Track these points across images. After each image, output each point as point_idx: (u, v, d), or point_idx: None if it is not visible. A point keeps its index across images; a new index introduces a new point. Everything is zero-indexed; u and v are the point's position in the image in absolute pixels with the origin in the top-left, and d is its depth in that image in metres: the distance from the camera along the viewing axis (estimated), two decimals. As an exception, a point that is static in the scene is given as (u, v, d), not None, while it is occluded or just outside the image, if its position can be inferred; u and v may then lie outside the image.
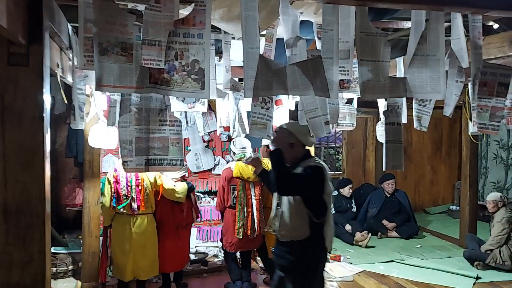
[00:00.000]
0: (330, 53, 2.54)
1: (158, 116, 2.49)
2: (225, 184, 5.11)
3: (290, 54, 2.67)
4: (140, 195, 4.61)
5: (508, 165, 8.77)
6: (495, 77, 2.83)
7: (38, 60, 1.91)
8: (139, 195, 4.60)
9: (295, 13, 2.81)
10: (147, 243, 4.68)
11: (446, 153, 10.03)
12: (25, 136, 1.92)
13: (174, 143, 2.50)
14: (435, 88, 2.56)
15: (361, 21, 2.53)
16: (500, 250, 5.94)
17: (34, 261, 1.92)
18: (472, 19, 2.79)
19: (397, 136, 2.93)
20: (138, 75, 2.17)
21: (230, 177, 5.09)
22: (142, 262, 4.67)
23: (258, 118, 2.73)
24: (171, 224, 4.83)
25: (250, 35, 2.28)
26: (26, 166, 1.93)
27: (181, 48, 2.22)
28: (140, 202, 4.60)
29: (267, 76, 2.28)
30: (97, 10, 2.06)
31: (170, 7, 2.29)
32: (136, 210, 4.59)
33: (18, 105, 1.90)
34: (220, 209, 5.25)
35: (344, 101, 4.29)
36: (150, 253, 4.71)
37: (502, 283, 5.62)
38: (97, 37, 2.06)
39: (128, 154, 2.41)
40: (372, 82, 2.55)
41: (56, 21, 2.54)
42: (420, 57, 2.60)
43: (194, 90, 2.23)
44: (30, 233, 1.93)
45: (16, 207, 1.93)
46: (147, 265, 4.71)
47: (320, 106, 2.78)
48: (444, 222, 8.87)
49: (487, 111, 2.86)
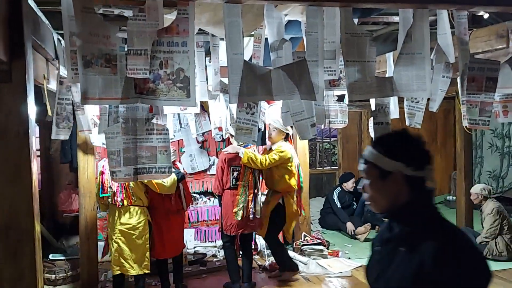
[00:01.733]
0: (315, 56, 2.55)
1: (145, 125, 2.49)
2: (224, 166, 5.05)
3: (276, 57, 2.67)
4: (122, 188, 4.60)
5: (504, 153, 8.79)
6: (483, 72, 2.84)
7: (21, 76, 1.91)
8: (121, 188, 4.60)
9: (280, 15, 2.81)
10: (135, 236, 4.62)
11: (441, 143, 10.05)
12: (11, 152, 1.92)
13: (162, 151, 2.51)
14: (421, 87, 2.57)
15: (345, 22, 2.53)
16: (495, 242, 5.97)
17: (25, 277, 1.93)
18: (457, 15, 2.80)
19: (386, 135, 2.93)
20: (123, 86, 2.18)
21: (230, 158, 5.02)
22: (129, 256, 4.62)
23: (243, 124, 2.73)
24: (162, 211, 4.87)
25: (234, 41, 2.28)
26: (13, 182, 1.93)
27: (166, 57, 2.23)
28: (123, 196, 4.59)
29: (251, 81, 2.29)
30: (80, 22, 2.07)
31: (155, 15, 2.29)
32: (120, 203, 4.60)
33: (2, 122, 1.90)
34: (218, 192, 5.15)
35: (335, 98, 4.30)
36: (139, 248, 4.64)
37: (500, 272, 5.64)
38: (81, 50, 2.06)
39: (117, 164, 2.41)
40: (359, 82, 2.56)
41: (40, 33, 2.53)
42: (406, 55, 2.61)
43: (180, 98, 2.24)
44: (20, 249, 1.93)
45: (5, 223, 1.93)
46: (134, 260, 4.63)
47: (306, 109, 2.78)
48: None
49: (476, 107, 2.86)
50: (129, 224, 4.61)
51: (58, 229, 6.63)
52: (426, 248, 1.46)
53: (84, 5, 2.05)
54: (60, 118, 3.05)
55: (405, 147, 1.61)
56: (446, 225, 1.58)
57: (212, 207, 6.60)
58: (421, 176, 1.59)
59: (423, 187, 1.60)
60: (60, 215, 6.77)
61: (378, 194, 1.64)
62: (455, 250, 1.47)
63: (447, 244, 1.47)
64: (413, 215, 1.58)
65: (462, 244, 1.51)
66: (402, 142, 1.63)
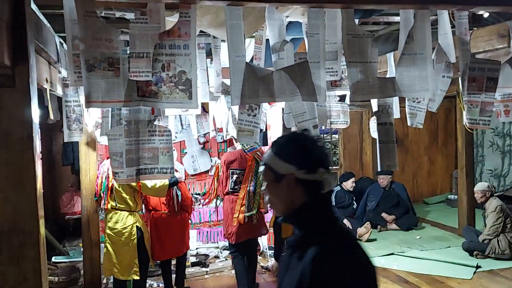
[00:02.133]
0: (317, 57, 2.55)
1: (147, 127, 2.50)
2: (224, 169, 4.85)
3: (277, 58, 2.67)
4: (108, 192, 4.60)
5: (505, 152, 8.79)
6: (484, 72, 2.84)
7: (24, 81, 1.91)
8: (106, 192, 4.61)
9: (281, 17, 2.81)
10: (122, 242, 4.58)
11: (443, 143, 10.05)
12: (14, 157, 1.92)
13: (164, 152, 2.52)
14: (423, 87, 2.57)
15: (347, 23, 2.53)
16: (498, 240, 5.97)
17: (29, 280, 1.93)
18: (458, 16, 2.80)
19: (389, 136, 2.94)
20: (126, 89, 2.18)
21: (230, 160, 4.81)
22: (117, 261, 4.59)
23: (245, 125, 2.74)
24: (159, 212, 4.89)
25: (236, 44, 2.29)
26: (16, 186, 1.93)
27: (168, 60, 2.24)
28: (108, 199, 4.59)
29: (253, 83, 2.29)
30: (83, 26, 2.07)
31: (157, 18, 2.30)
32: (104, 206, 4.63)
33: (5, 126, 1.90)
34: (221, 196, 4.98)
35: (337, 99, 4.30)
36: (126, 253, 4.59)
37: (502, 271, 5.65)
38: (84, 54, 2.07)
39: (119, 165, 2.43)
40: (361, 83, 2.56)
41: (42, 37, 2.54)
42: (407, 56, 2.61)
43: (182, 100, 2.25)
44: (24, 253, 1.93)
45: (9, 227, 1.93)
46: (122, 265, 4.59)
47: (308, 110, 2.78)
48: (443, 212, 8.89)
49: (477, 107, 2.87)
50: (115, 229, 4.59)
51: (60, 231, 6.65)
52: (309, 254, 1.42)
53: (87, 10, 2.06)
54: (71, 121, 3.05)
55: (297, 149, 1.54)
56: (337, 230, 1.52)
57: (214, 207, 6.60)
58: (315, 180, 1.51)
59: (318, 191, 1.53)
60: (62, 217, 6.78)
61: (274, 197, 1.59)
62: (335, 254, 1.41)
63: (329, 249, 1.42)
64: (306, 220, 1.52)
65: (345, 248, 1.44)
66: (295, 145, 1.57)
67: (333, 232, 1.50)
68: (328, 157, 1.55)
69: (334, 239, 1.47)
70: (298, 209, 1.52)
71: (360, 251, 1.47)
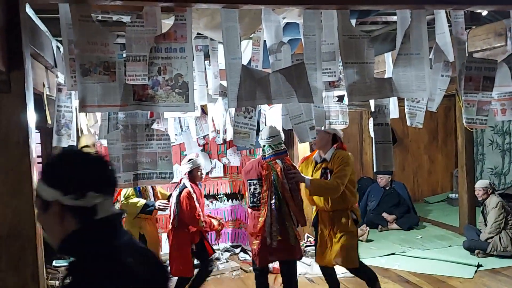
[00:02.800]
0: (313, 58, 2.55)
1: (144, 131, 2.50)
2: (244, 180, 4.39)
3: (274, 60, 2.68)
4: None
5: (504, 150, 8.78)
6: (480, 71, 2.84)
7: (20, 86, 1.91)
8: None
9: (278, 18, 2.82)
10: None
11: (443, 141, 10.04)
12: (11, 162, 1.92)
13: (163, 157, 2.52)
14: (420, 87, 2.57)
15: (343, 24, 2.53)
16: (499, 237, 5.96)
17: (28, 285, 1.93)
18: (454, 15, 2.80)
19: (386, 137, 2.94)
20: (122, 93, 2.18)
21: (247, 171, 4.30)
22: None
23: (241, 128, 2.74)
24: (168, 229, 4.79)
25: (232, 46, 2.29)
26: (15, 191, 1.94)
27: (164, 63, 2.24)
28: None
29: (250, 85, 2.30)
30: (78, 31, 2.08)
31: (153, 21, 2.30)
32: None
33: (2, 131, 1.91)
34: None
35: (335, 99, 4.29)
36: None
37: (504, 269, 5.64)
38: (79, 59, 2.07)
39: (116, 170, 2.42)
40: (358, 84, 2.56)
41: (38, 42, 2.54)
42: (404, 56, 2.61)
43: (179, 104, 2.25)
44: (23, 258, 1.94)
45: (7, 232, 1.93)
46: None
47: (305, 112, 2.79)
48: (443, 211, 8.88)
49: (473, 106, 2.86)
50: None
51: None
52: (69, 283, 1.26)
53: (82, 14, 2.06)
54: (60, 126, 3.07)
55: (62, 172, 1.30)
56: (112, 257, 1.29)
57: (215, 209, 6.60)
58: (85, 206, 1.28)
59: (91, 217, 1.29)
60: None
61: (46, 227, 1.36)
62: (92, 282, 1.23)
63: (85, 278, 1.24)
64: (77, 248, 1.30)
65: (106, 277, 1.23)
66: (60, 166, 1.33)
67: (105, 259, 1.28)
68: (105, 178, 1.35)
69: (101, 266, 1.26)
70: (68, 238, 1.29)
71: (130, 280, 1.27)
